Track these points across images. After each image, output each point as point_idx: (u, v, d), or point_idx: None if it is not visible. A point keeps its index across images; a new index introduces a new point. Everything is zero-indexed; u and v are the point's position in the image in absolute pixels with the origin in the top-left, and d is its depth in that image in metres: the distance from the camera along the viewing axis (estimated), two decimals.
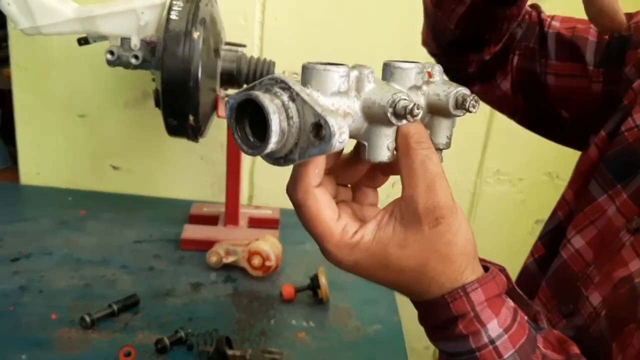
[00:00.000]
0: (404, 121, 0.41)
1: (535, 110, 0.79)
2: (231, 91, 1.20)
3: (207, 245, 1.18)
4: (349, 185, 0.51)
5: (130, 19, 1.04)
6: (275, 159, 0.41)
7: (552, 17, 0.77)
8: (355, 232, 0.44)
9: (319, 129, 0.38)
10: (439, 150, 0.49)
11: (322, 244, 0.44)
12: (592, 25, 0.72)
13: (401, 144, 0.44)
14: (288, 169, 0.45)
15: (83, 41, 1.10)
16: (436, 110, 0.47)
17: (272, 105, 0.38)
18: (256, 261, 1.12)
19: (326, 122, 0.37)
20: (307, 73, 0.41)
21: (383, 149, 0.43)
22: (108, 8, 1.04)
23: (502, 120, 1.46)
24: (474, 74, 0.79)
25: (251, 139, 0.40)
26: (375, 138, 0.43)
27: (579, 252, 0.63)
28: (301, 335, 0.99)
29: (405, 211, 0.43)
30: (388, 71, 0.46)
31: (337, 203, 0.47)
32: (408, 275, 0.44)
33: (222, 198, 1.30)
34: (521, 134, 0.87)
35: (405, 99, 0.41)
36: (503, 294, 0.46)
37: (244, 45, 1.15)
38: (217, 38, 1.09)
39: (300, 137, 0.39)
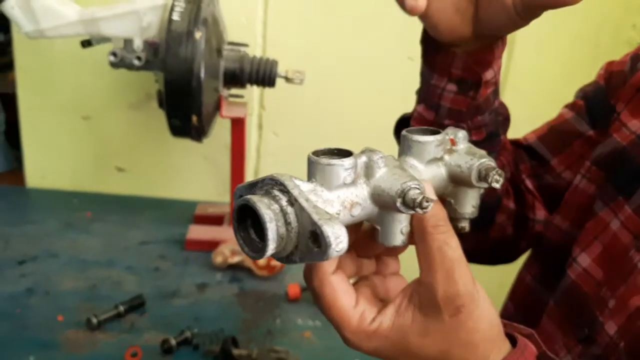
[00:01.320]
0: (413, 212, 0.39)
1: None
2: (234, 91, 1.20)
3: (212, 245, 1.18)
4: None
5: (132, 21, 1.04)
6: (279, 259, 0.40)
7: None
8: (374, 319, 0.43)
9: (316, 237, 0.37)
10: (465, 219, 0.47)
11: (340, 332, 0.44)
12: (562, 110, 0.72)
13: (417, 228, 0.42)
14: (294, 168, 0.44)
15: (86, 43, 1.10)
16: (459, 181, 0.45)
17: (269, 212, 0.37)
18: (261, 261, 1.12)
19: (322, 232, 0.36)
20: (311, 167, 0.40)
21: (396, 234, 0.42)
22: (110, 10, 1.04)
23: (513, 112, 1.46)
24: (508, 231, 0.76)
25: (254, 238, 0.39)
26: (387, 223, 0.42)
27: (587, 271, 0.61)
28: (307, 334, 0.99)
29: (424, 298, 0.42)
30: (406, 144, 0.44)
31: (357, 282, 0.46)
32: None
33: (227, 198, 1.30)
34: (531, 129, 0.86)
35: (415, 188, 0.39)
36: None
37: (246, 45, 1.15)
38: (219, 38, 1.09)
39: (299, 242, 0.38)
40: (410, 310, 0.43)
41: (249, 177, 1.46)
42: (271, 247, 0.37)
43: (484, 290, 0.43)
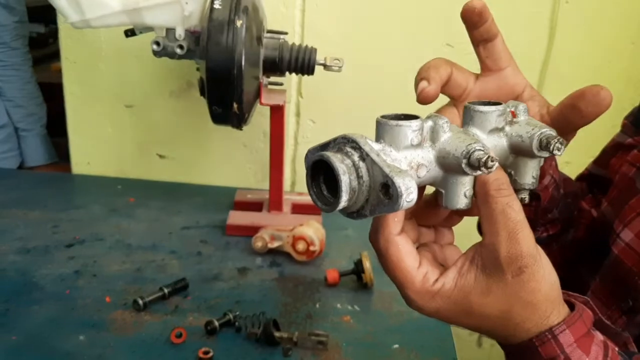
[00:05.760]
0: (479, 172, 0.41)
1: None
2: (274, 78, 1.21)
3: (252, 230, 1.20)
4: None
5: (174, 10, 1.06)
6: (349, 214, 0.42)
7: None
8: (436, 280, 0.44)
9: (387, 189, 0.39)
10: (525, 190, 0.48)
11: (403, 291, 0.45)
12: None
13: (480, 192, 0.43)
14: None
15: (130, 33, 1.12)
16: (520, 151, 0.47)
17: (342, 165, 0.39)
18: (300, 246, 1.14)
19: (393, 182, 0.38)
20: (380, 128, 0.42)
21: (460, 197, 0.43)
22: (153, 0, 1.06)
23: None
24: None
25: (326, 194, 0.42)
26: (452, 186, 0.43)
27: (630, 245, 0.62)
28: (346, 318, 1.00)
29: (487, 259, 0.43)
30: (468, 115, 0.46)
31: (418, 248, 0.47)
32: (492, 321, 0.45)
33: (266, 185, 1.32)
34: None
35: (480, 150, 0.40)
36: (591, 329, 0.45)
37: (285, 33, 1.16)
38: (259, 26, 1.10)
39: (370, 195, 0.40)
40: (472, 271, 0.44)
41: (287, 164, 1.48)
42: (344, 199, 0.39)
43: (544, 253, 0.44)
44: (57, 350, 0.87)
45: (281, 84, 1.23)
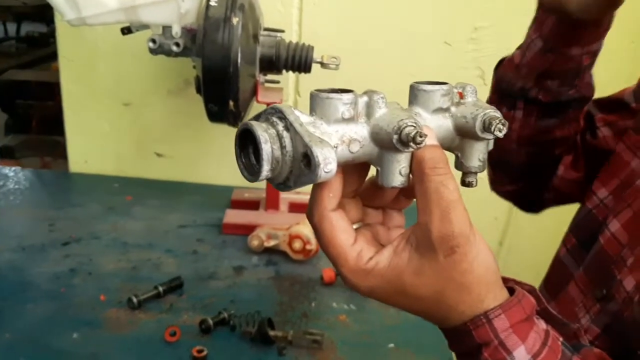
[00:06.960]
0: (410, 148, 0.40)
1: None
2: (271, 76, 1.20)
3: (248, 229, 1.20)
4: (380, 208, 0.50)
5: (171, 7, 1.05)
6: (276, 185, 0.42)
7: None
8: (371, 258, 0.43)
9: (308, 159, 0.38)
10: (472, 173, 0.47)
11: (337, 268, 0.45)
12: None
13: (415, 169, 0.42)
14: None
15: (126, 30, 1.12)
16: (465, 133, 0.46)
17: (265, 134, 0.39)
18: (297, 245, 1.13)
19: (312, 152, 0.38)
20: (312, 101, 0.41)
21: (395, 174, 0.43)
22: None
23: None
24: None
25: (254, 163, 0.41)
26: (387, 163, 0.43)
27: (615, 235, 0.62)
28: (342, 317, 1.00)
29: (421, 238, 0.42)
30: (412, 94, 0.46)
31: (360, 227, 0.47)
32: (426, 302, 0.44)
33: (262, 184, 1.32)
34: None
35: (411, 125, 0.40)
36: (532, 317, 0.44)
37: (282, 31, 1.16)
38: (255, 24, 1.10)
39: (294, 166, 0.40)
40: (407, 250, 0.43)
41: None
42: (266, 168, 0.39)
43: (481, 236, 0.43)
44: (51, 348, 0.87)
45: (278, 82, 1.23)
